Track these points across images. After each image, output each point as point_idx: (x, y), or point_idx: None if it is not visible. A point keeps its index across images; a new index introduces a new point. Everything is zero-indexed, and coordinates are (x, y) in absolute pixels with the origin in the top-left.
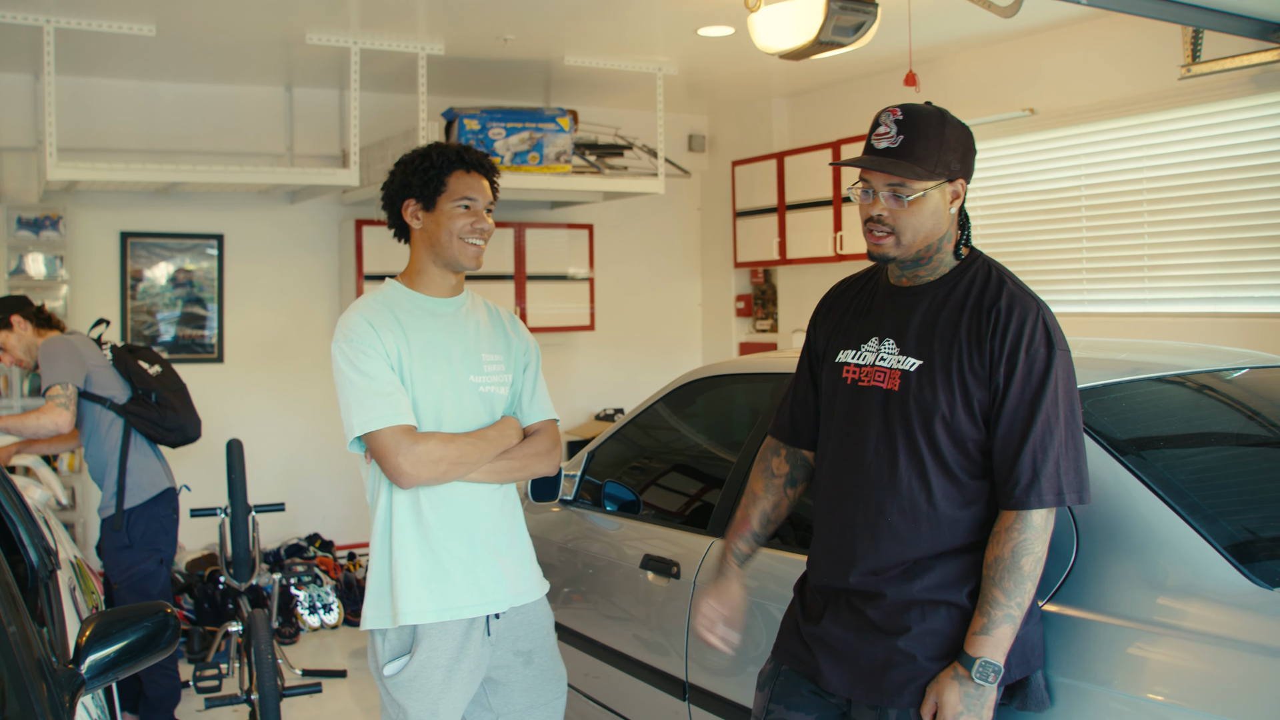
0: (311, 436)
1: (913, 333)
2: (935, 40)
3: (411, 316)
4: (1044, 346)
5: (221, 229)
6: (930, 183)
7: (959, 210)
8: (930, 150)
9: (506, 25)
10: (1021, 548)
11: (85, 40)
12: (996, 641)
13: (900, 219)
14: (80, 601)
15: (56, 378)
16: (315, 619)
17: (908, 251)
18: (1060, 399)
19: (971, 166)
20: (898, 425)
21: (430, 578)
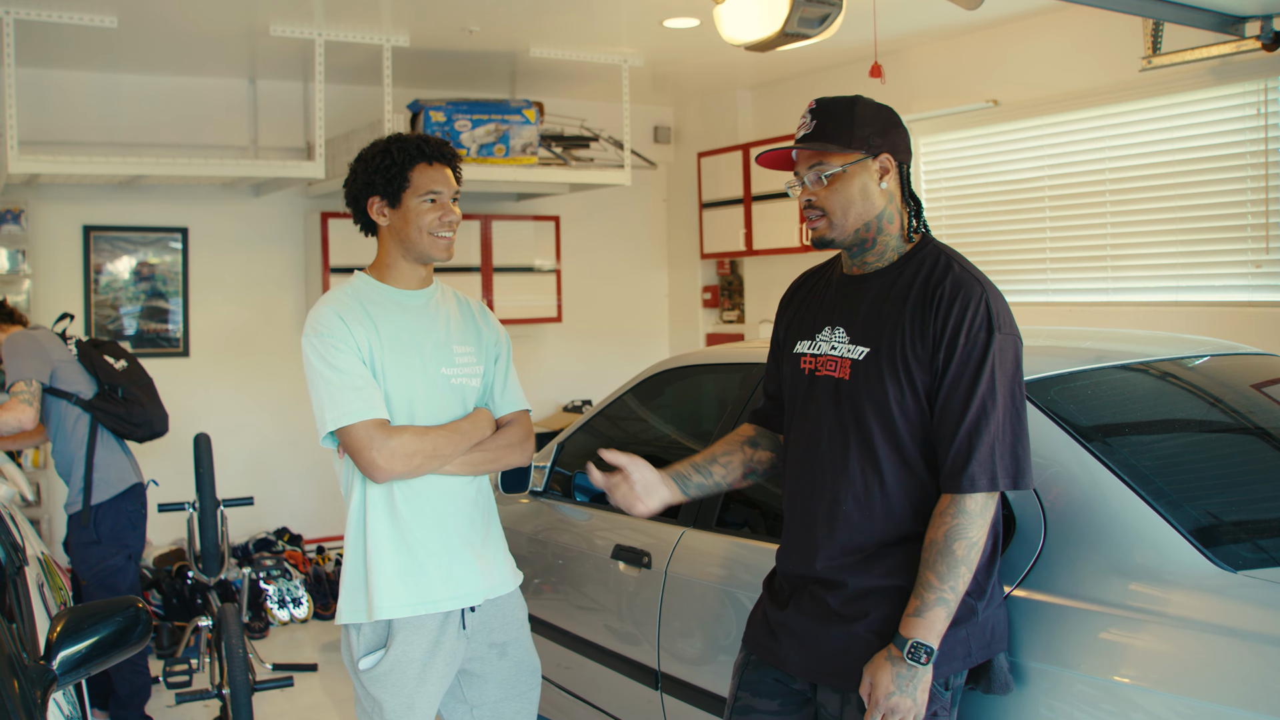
0: (279, 430)
1: (861, 320)
2: (899, 32)
3: (381, 309)
4: (984, 330)
5: (185, 222)
6: (847, 157)
7: (901, 191)
8: (842, 128)
9: (471, 17)
10: (955, 532)
11: (46, 32)
12: (929, 624)
13: (826, 198)
14: (49, 598)
15: (21, 373)
16: (285, 613)
17: (843, 232)
18: (999, 383)
19: (900, 144)
20: (848, 414)
21: (405, 572)
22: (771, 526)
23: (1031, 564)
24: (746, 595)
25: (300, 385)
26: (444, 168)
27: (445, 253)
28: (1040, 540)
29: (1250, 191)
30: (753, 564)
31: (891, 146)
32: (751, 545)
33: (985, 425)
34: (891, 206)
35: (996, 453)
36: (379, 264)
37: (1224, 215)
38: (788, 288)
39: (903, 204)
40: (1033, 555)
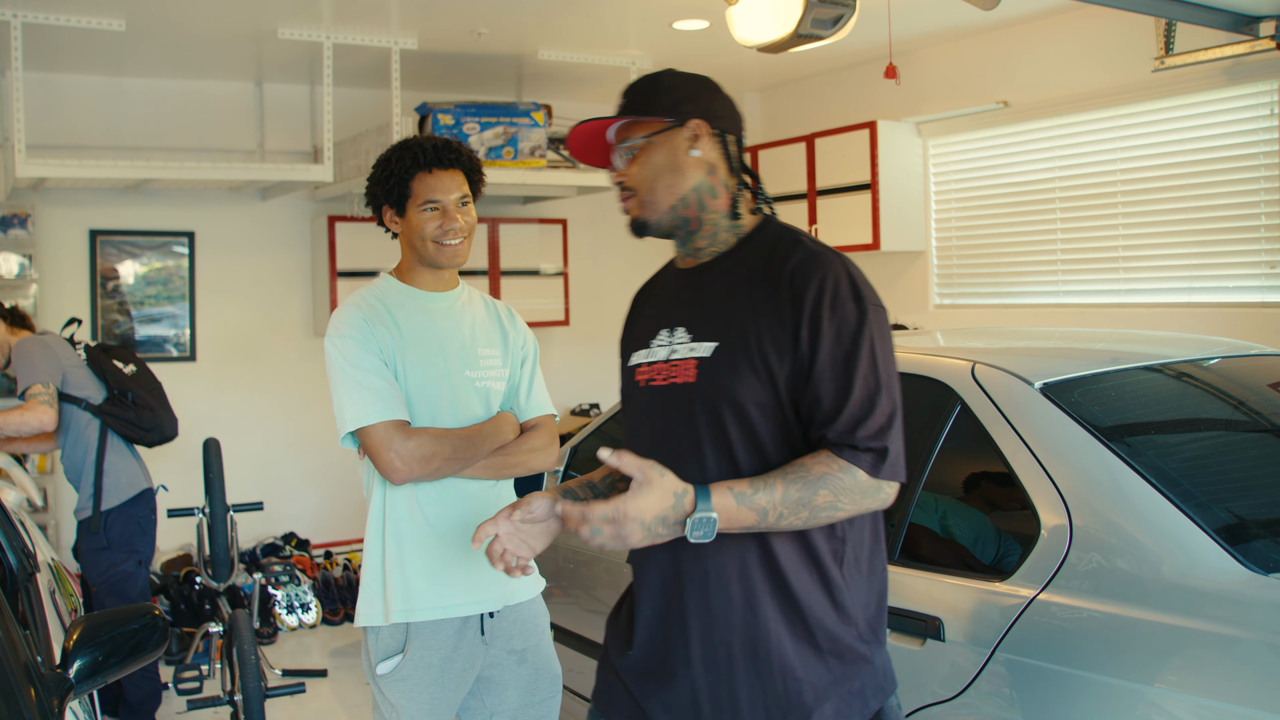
0: (287, 434)
1: (703, 314)
2: (910, 33)
3: (405, 311)
4: (852, 301)
5: (193, 226)
6: (651, 125)
7: (727, 163)
8: (645, 99)
9: (480, 19)
10: (830, 483)
11: (54, 36)
12: (733, 516)
13: (633, 175)
14: (60, 604)
15: (35, 377)
16: (293, 618)
17: (656, 210)
18: (880, 361)
19: (716, 110)
20: (702, 421)
21: (424, 575)
22: None
23: (1057, 567)
24: None
25: (308, 389)
26: (446, 173)
27: (452, 260)
28: (1065, 544)
29: (1264, 192)
30: None
31: (704, 112)
32: None
33: (877, 404)
34: (712, 179)
35: (891, 439)
36: (401, 266)
37: (1237, 216)
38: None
39: (729, 177)
40: (1058, 559)
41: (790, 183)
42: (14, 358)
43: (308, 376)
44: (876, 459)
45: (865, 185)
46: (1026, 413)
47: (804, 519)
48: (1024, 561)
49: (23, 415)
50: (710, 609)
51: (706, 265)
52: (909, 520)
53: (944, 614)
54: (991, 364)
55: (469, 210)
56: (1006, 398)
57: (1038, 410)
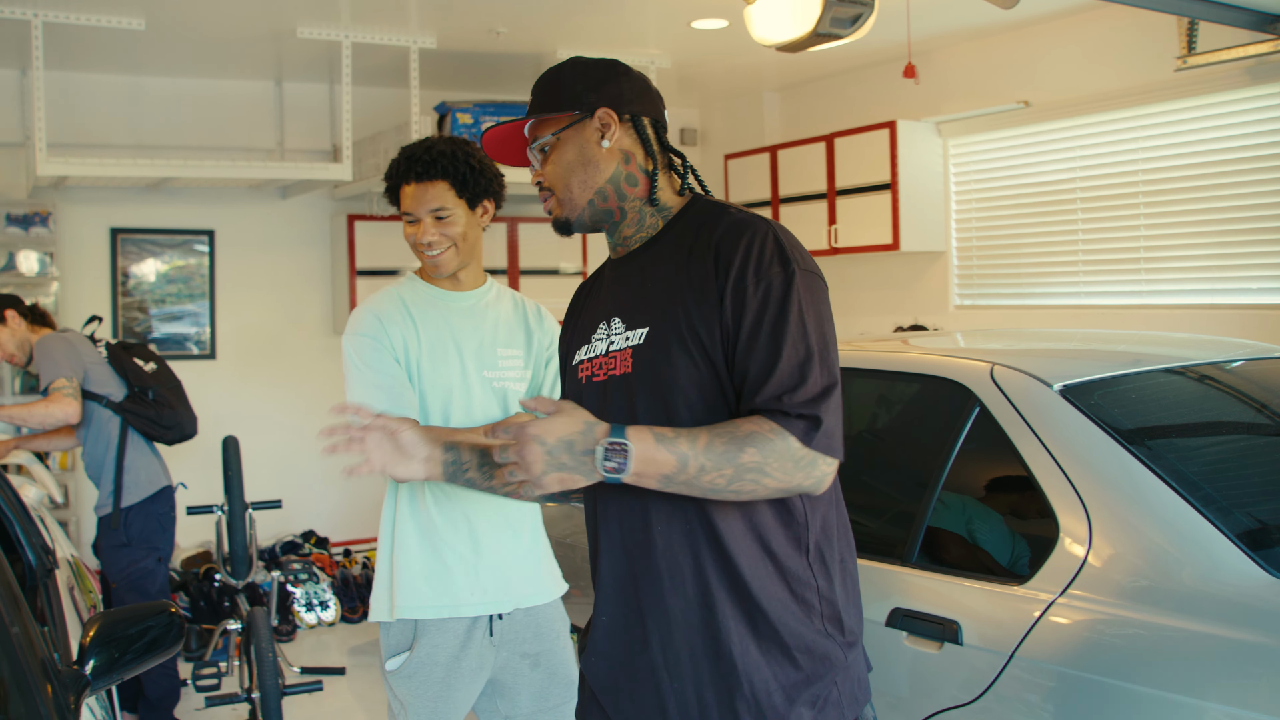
0: (306, 432)
1: (635, 301)
2: (929, 33)
3: (424, 310)
4: (778, 264)
5: (212, 224)
6: (557, 121)
7: (643, 148)
8: (549, 96)
9: (498, 18)
10: (758, 443)
11: (74, 35)
12: (650, 458)
13: (548, 174)
14: (79, 601)
15: (59, 372)
16: (312, 616)
17: (574, 207)
18: (810, 326)
19: (623, 94)
20: (642, 410)
21: (430, 573)
22: None
23: (1076, 572)
24: None
25: (327, 387)
26: (422, 185)
27: (437, 269)
28: (1085, 548)
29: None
30: None
31: (611, 99)
32: None
33: (808, 373)
34: (628, 167)
35: (825, 412)
36: (424, 266)
37: (1260, 217)
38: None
39: (647, 160)
40: (1077, 563)
41: (810, 183)
42: (36, 354)
43: (327, 375)
44: (809, 426)
45: (885, 185)
46: (1046, 415)
47: (728, 478)
48: (1042, 565)
49: (47, 408)
50: (666, 610)
51: (636, 252)
52: (927, 522)
53: (961, 617)
54: (1010, 365)
55: (449, 222)
56: (1025, 400)
57: (1057, 412)
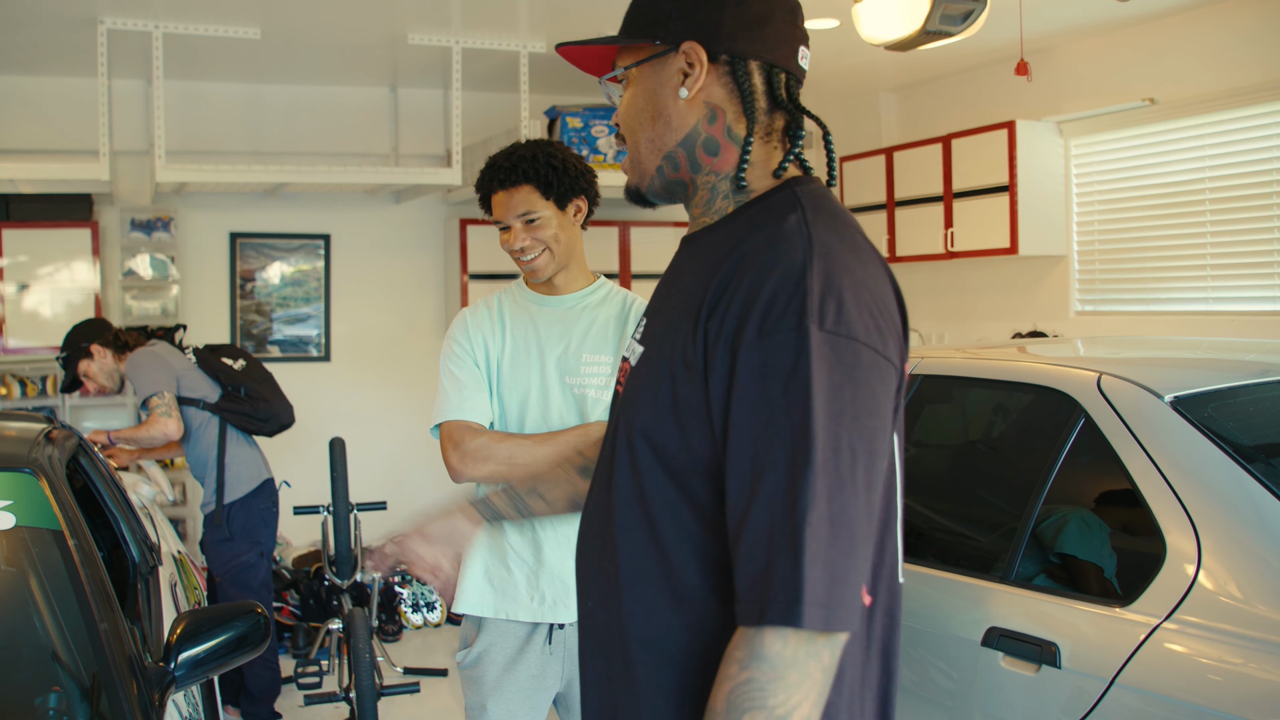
0: (415, 435)
1: (658, 305)
2: (1048, 29)
3: (517, 314)
4: (792, 317)
5: (328, 229)
6: (634, 53)
7: (743, 102)
8: (641, 12)
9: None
10: (744, 693)
11: (193, 45)
12: None
13: (621, 120)
14: (181, 596)
15: (152, 387)
16: (419, 617)
17: (643, 173)
18: (817, 426)
19: (720, 23)
20: (610, 446)
21: (491, 574)
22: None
23: (1184, 594)
24: None
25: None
26: (508, 192)
27: (534, 275)
28: (1195, 568)
29: None
30: None
31: (702, 29)
32: None
33: (795, 509)
34: (712, 127)
35: (806, 560)
36: None
37: None
38: None
39: (739, 121)
40: (1185, 585)
41: (926, 185)
42: (127, 372)
43: (438, 378)
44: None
45: (1003, 187)
46: (1155, 428)
47: None
48: (1148, 586)
49: (148, 430)
50: None
51: (691, 239)
52: (1026, 538)
53: (1060, 639)
54: (1119, 375)
55: (539, 225)
56: (1134, 411)
57: (1167, 425)
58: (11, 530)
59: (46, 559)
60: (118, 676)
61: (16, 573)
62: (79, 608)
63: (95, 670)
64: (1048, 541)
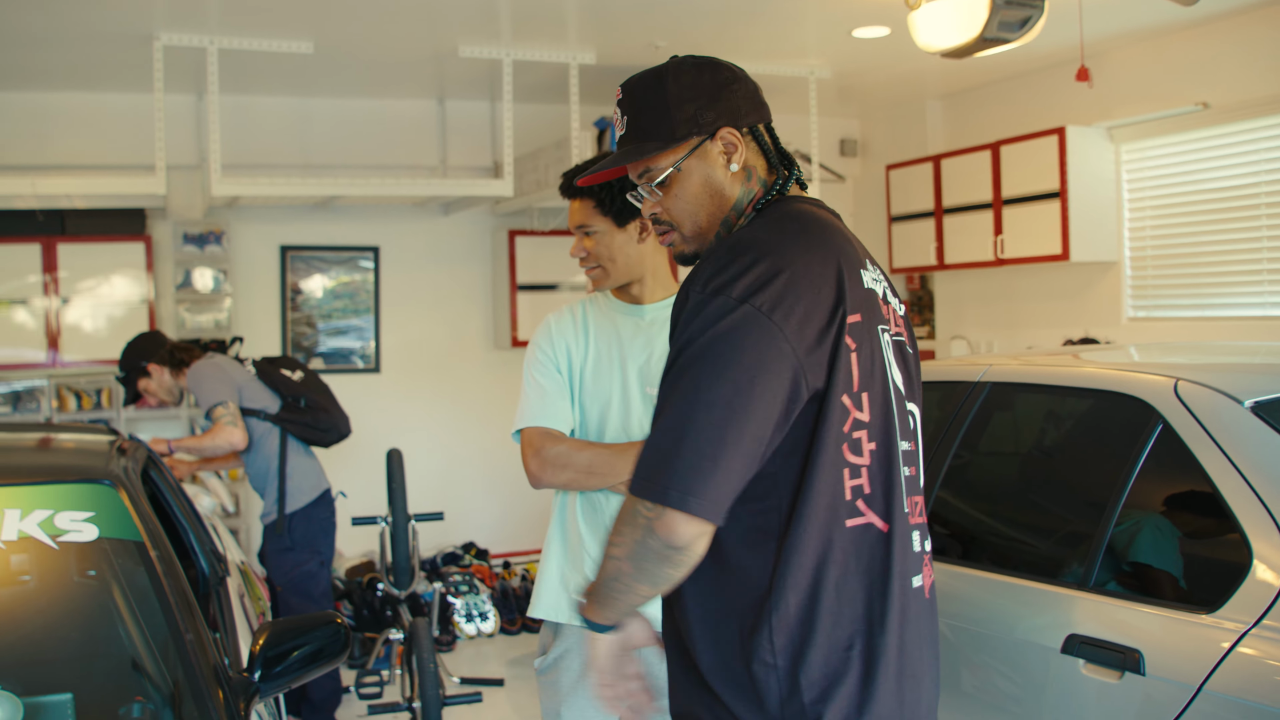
0: (466, 445)
1: None
2: (1100, 34)
3: (601, 323)
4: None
5: (377, 241)
6: (676, 153)
7: (765, 157)
8: (658, 118)
9: (657, 32)
10: (619, 541)
11: (246, 60)
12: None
13: (669, 207)
14: (248, 607)
15: (215, 398)
16: (472, 627)
17: (703, 241)
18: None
19: (738, 106)
20: None
21: (567, 580)
22: (979, 551)
23: (1272, 601)
24: (948, 623)
25: (488, 401)
26: (574, 202)
27: (594, 284)
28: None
29: None
30: (957, 591)
31: (729, 113)
32: (956, 571)
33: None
34: (750, 183)
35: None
36: None
37: None
38: None
39: (769, 173)
40: (1273, 592)
41: (975, 192)
42: (190, 384)
43: (488, 389)
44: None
45: (1054, 194)
46: (1235, 433)
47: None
48: (1233, 593)
49: (213, 439)
50: None
51: None
52: (1105, 544)
53: (1144, 646)
54: (1196, 380)
55: (594, 239)
56: (1213, 417)
57: (1248, 430)
58: (95, 542)
59: (129, 570)
60: (204, 686)
61: (100, 583)
62: (163, 618)
63: (181, 680)
64: (1121, 548)
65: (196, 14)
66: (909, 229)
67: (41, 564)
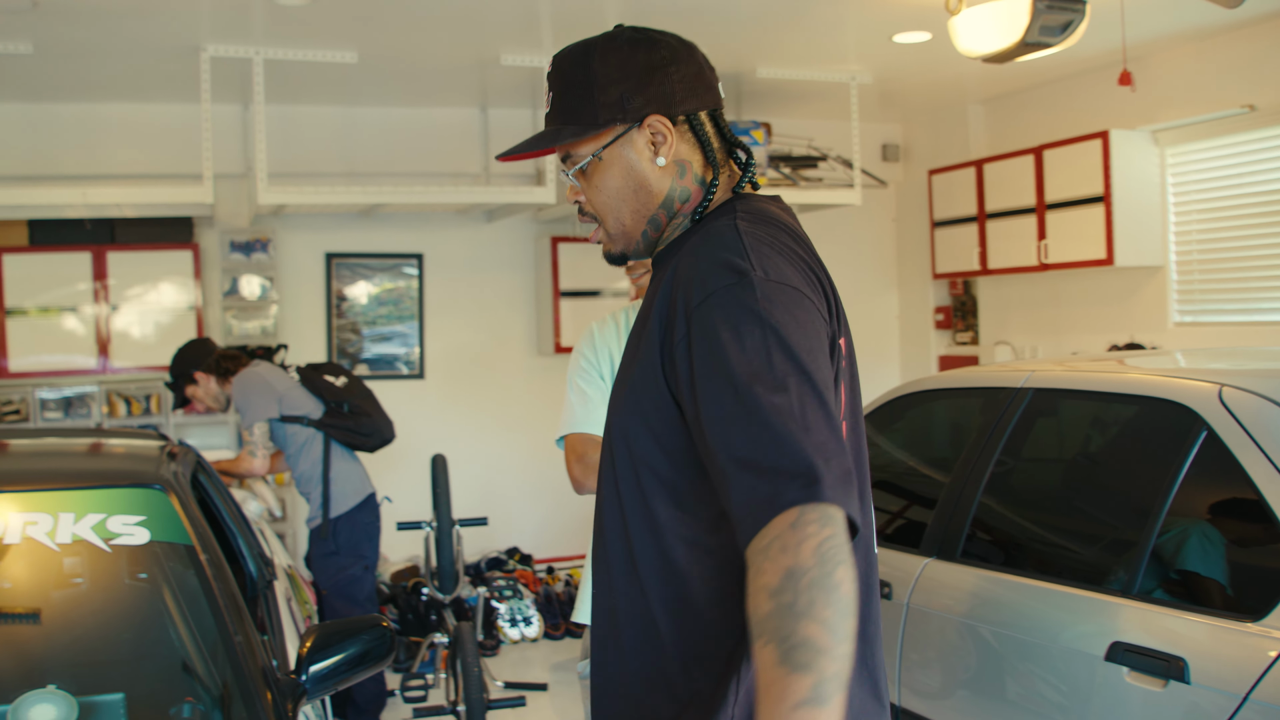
0: (511, 452)
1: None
2: (1144, 37)
3: None
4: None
5: (421, 248)
6: (596, 140)
7: (701, 150)
8: (581, 99)
9: (697, 38)
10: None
11: (291, 70)
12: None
13: (591, 199)
14: (295, 611)
15: (252, 418)
16: (516, 632)
17: (628, 240)
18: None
19: (669, 94)
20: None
21: None
22: (1021, 558)
23: None
24: (991, 630)
25: (531, 407)
26: None
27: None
28: None
29: None
30: (999, 598)
31: (659, 100)
32: (998, 578)
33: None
34: (684, 180)
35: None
36: None
37: None
38: None
39: (705, 169)
40: None
41: (1017, 197)
42: (234, 396)
43: (531, 395)
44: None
45: (1098, 198)
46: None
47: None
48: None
49: (235, 465)
50: None
51: (659, 258)
52: (1149, 552)
53: (1188, 654)
54: (1241, 387)
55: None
56: (1259, 423)
57: None
58: (145, 545)
59: (179, 573)
60: (253, 687)
61: (151, 586)
62: (213, 620)
63: (230, 681)
64: (1165, 555)
65: (242, 26)
66: (952, 234)
67: (94, 566)
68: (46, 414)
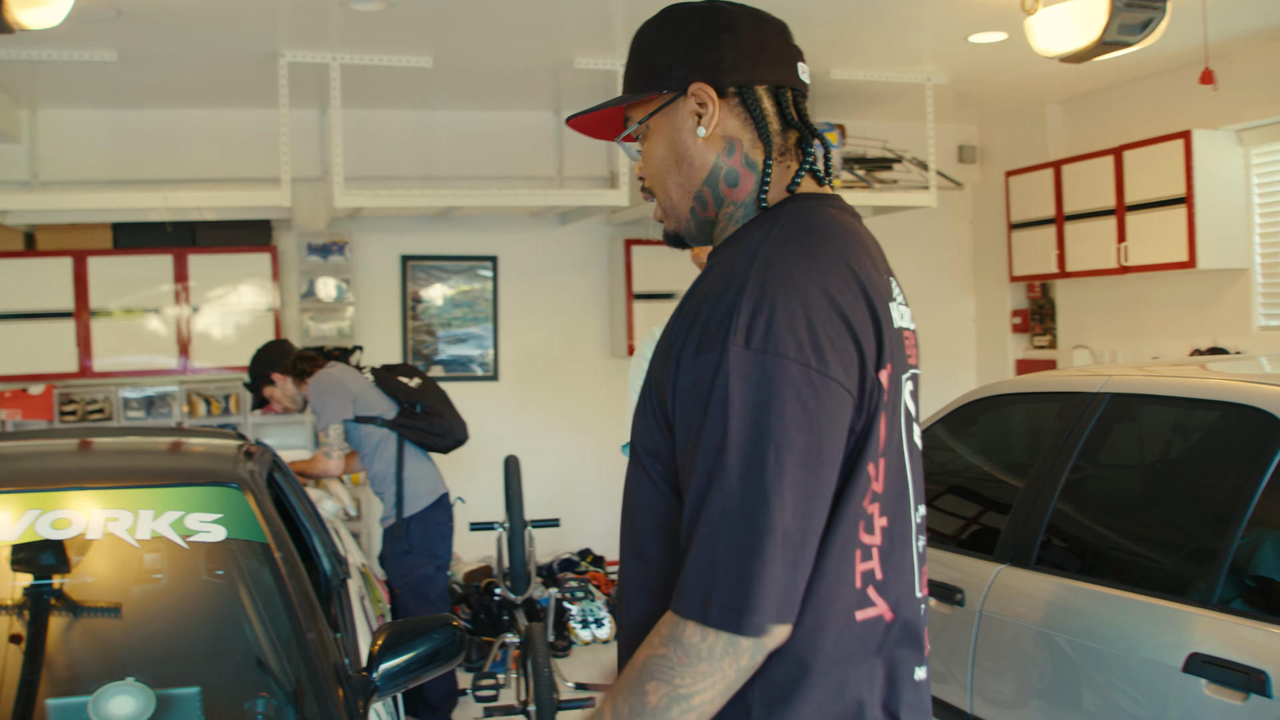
0: (583, 453)
1: None
2: (1226, 35)
3: None
4: (720, 338)
5: (495, 251)
6: (644, 107)
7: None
8: (639, 65)
9: None
10: (655, 666)
11: (367, 75)
12: None
13: (646, 174)
14: (369, 609)
15: (328, 419)
16: (587, 633)
17: (679, 217)
18: (735, 447)
19: (718, 61)
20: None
21: None
22: (1096, 566)
23: None
24: (1066, 639)
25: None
26: None
27: None
28: None
29: None
30: (1074, 606)
31: (706, 68)
32: (1073, 586)
33: (702, 518)
34: (731, 159)
35: (718, 566)
36: None
37: None
38: None
39: (755, 147)
40: None
41: (1097, 199)
42: (310, 398)
43: (605, 397)
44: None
45: (1180, 199)
46: None
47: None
48: None
49: (312, 466)
50: None
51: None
52: (1229, 561)
53: (1270, 667)
54: None
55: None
56: None
57: None
58: (222, 543)
59: (255, 570)
60: (325, 684)
61: (227, 582)
62: (287, 617)
63: (303, 677)
64: (1246, 565)
65: (319, 32)
66: (1029, 236)
67: (172, 563)
68: (129, 413)
